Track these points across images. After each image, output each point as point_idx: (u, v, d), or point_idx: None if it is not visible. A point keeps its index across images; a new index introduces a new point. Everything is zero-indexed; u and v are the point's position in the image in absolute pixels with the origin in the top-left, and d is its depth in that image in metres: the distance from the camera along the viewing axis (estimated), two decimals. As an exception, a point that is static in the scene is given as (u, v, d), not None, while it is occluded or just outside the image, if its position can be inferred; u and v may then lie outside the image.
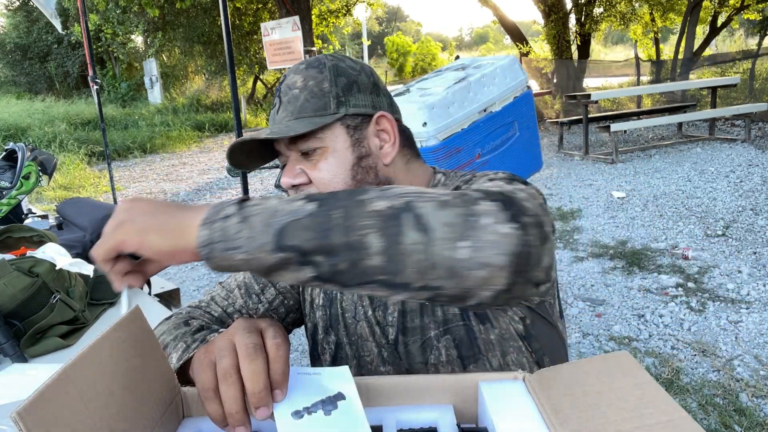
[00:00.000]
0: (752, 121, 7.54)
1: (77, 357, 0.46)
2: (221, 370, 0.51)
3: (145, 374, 0.55)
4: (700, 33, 13.88)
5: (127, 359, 0.52)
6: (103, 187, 7.31)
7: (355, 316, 0.89)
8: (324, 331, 0.92)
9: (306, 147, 0.81)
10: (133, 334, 0.54)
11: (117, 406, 0.49)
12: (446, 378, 0.62)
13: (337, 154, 0.82)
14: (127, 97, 15.52)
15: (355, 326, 0.89)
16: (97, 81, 4.43)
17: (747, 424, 2.13)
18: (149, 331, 0.58)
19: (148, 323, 0.58)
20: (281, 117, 0.83)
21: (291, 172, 0.82)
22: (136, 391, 0.53)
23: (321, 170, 0.81)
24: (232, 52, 2.80)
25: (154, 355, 0.58)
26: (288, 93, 0.83)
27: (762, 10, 11.91)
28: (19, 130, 9.72)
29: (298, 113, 0.81)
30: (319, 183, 0.82)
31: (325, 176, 0.81)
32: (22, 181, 2.12)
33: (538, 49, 14.27)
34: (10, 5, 18.62)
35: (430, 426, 0.59)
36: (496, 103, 3.04)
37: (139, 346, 0.55)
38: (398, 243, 0.49)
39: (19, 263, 1.28)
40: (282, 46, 7.24)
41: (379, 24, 44.57)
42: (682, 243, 4.08)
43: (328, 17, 13.47)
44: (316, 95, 0.82)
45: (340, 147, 0.82)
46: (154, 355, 0.58)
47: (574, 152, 7.70)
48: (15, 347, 1.17)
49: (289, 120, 0.82)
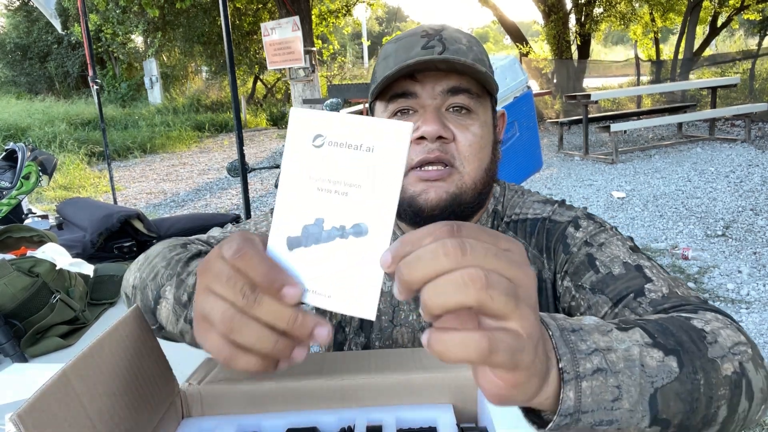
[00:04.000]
0: (752, 121, 7.54)
1: (77, 358, 0.46)
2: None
3: (145, 374, 0.55)
4: (700, 33, 13.88)
5: (126, 359, 0.52)
6: (103, 187, 7.31)
7: (393, 320, 0.85)
8: (354, 332, 0.88)
9: (464, 102, 0.77)
10: (132, 334, 0.54)
11: (117, 406, 0.49)
12: (446, 377, 0.62)
13: (485, 127, 0.79)
14: (127, 97, 15.52)
15: (391, 331, 0.85)
16: (97, 81, 4.43)
17: (747, 424, 2.13)
18: (149, 331, 0.58)
19: (148, 323, 0.58)
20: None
21: (439, 122, 0.74)
22: (135, 391, 0.53)
23: (473, 135, 0.77)
24: (232, 52, 2.80)
25: (154, 355, 0.58)
26: (454, 44, 0.76)
27: (762, 10, 11.91)
28: (19, 130, 9.72)
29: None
30: (464, 147, 0.76)
31: (474, 143, 0.77)
32: (22, 181, 2.12)
33: (538, 49, 14.26)
34: (10, 5, 18.62)
35: (429, 425, 0.59)
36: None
37: (139, 346, 0.55)
38: (734, 412, 0.46)
39: (19, 263, 1.28)
40: (282, 47, 7.24)
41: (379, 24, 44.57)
42: (682, 243, 4.08)
43: (328, 17, 13.47)
44: (481, 61, 0.78)
45: (489, 122, 0.80)
46: (153, 355, 0.58)
47: (574, 152, 7.69)
48: (15, 347, 1.17)
49: None
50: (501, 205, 0.88)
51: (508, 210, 0.87)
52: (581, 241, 0.77)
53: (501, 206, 0.87)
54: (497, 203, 0.88)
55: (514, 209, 0.86)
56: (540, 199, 0.87)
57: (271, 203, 6.34)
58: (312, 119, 0.39)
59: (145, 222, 2.00)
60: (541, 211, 0.83)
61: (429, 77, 0.76)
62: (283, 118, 13.02)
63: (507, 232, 0.84)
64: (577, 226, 0.79)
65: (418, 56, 0.74)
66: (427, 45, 0.76)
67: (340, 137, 0.38)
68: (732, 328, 0.52)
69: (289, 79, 8.65)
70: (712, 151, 6.95)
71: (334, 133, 0.38)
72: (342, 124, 0.39)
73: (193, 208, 6.29)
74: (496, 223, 0.86)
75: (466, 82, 0.76)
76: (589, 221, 0.79)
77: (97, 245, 1.85)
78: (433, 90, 0.76)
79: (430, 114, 0.75)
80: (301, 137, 0.39)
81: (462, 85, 0.76)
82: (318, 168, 0.39)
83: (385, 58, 0.81)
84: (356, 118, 0.38)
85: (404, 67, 0.74)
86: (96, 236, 1.85)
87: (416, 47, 0.76)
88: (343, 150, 0.38)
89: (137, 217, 1.98)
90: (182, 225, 2.26)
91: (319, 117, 0.39)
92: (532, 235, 0.82)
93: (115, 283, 1.51)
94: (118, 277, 1.52)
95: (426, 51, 0.75)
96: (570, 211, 0.82)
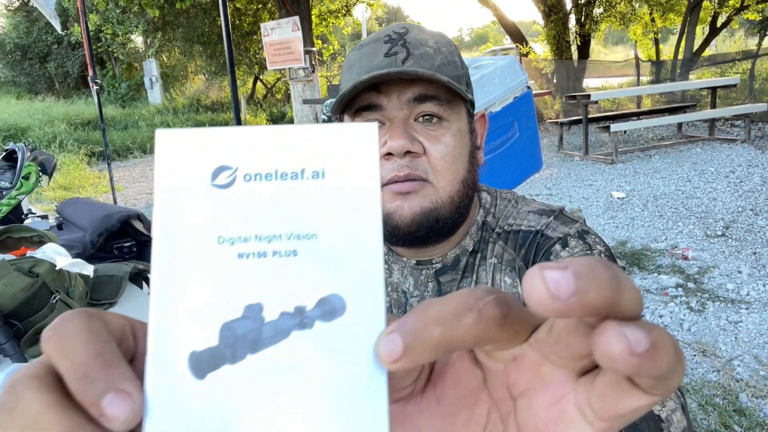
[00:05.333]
0: (752, 121, 7.54)
1: None
2: None
3: None
4: (700, 33, 13.88)
5: None
6: (103, 187, 7.31)
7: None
8: None
9: (433, 110, 0.71)
10: None
11: None
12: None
13: (460, 135, 0.73)
14: (127, 98, 15.53)
15: None
16: (97, 81, 4.43)
17: (747, 424, 2.13)
18: None
19: None
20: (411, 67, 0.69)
21: (406, 135, 0.69)
22: None
23: (445, 146, 0.71)
24: (232, 52, 2.80)
25: None
26: (419, 47, 0.71)
27: (762, 10, 11.91)
28: (19, 130, 9.73)
29: (436, 71, 0.69)
30: (436, 161, 0.71)
31: (447, 155, 0.71)
32: (22, 182, 2.12)
33: (538, 49, 14.27)
34: (10, 5, 18.63)
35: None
36: (496, 104, 3.04)
37: None
38: None
39: (19, 263, 1.28)
40: (282, 47, 7.24)
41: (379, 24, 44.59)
42: (681, 243, 4.08)
43: (327, 17, 13.47)
44: (451, 64, 0.72)
45: (463, 129, 0.75)
46: None
47: (574, 152, 7.70)
48: (15, 347, 1.17)
49: None
50: (491, 215, 0.83)
51: (501, 220, 0.82)
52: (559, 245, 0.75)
53: (491, 216, 0.83)
54: (487, 214, 0.83)
55: (507, 219, 0.82)
56: (535, 209, 0.82)
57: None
58: (202, 143, 0.24)
59: (145, 222, 2.00)
60: (535, 224, 0.79)
61: (393, 87, 0.70)
62: (284, 119, 13.02)
63: (498, 243, 0.80)
64: (565, 244, 0.75)
65: (380, 65, 0.70)
66: (390, 52, 0.71)
67: (263, 165, 0.24)
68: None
69: (288, 79, 8.65)
70: (712, 152, 6.95)
71: (250, 160, 0.24)
72: (261, 142, 0.24)
73: (193, 208, 6.29)
74: (485, 235, 0.81)
75: (434, 89, 0.71)
76: (578, 241, 0.75)
77: (97, 245, 1.85)
78: (399, 100, 0.70)
79: (397, 127, 0.69)
80: (187, 177, 0.24)
81: (429, 93, 0.70)
82: (232, 221, 0.23)
83: (349, 68, 0.75)
84: (284, 129, 0.25)
85: (359, 84, 0.69)
86: (96, 236, 1.85)
87: (379, 55, 0.71)
88: (271, 184, 0.24)
89: (137, 217, 1.98)
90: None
91: (215, 138, 0.24)
92: (522, 247, 0.79)
93: (115, 284, 1.51)
94: (118, 278, 1.53)
95: (389, 59, 0.70)
96: (564, 226, 0.78)
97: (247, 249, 0.23)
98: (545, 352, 0.23)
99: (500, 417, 0.26)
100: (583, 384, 0.22)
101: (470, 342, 0.22)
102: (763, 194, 5.04)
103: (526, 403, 0.24)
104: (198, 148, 0.24)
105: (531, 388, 0.24)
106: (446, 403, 0.26)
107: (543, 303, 0.19)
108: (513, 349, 0.24)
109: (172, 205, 0.23)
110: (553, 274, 0.19)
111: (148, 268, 1.72)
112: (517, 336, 0.23)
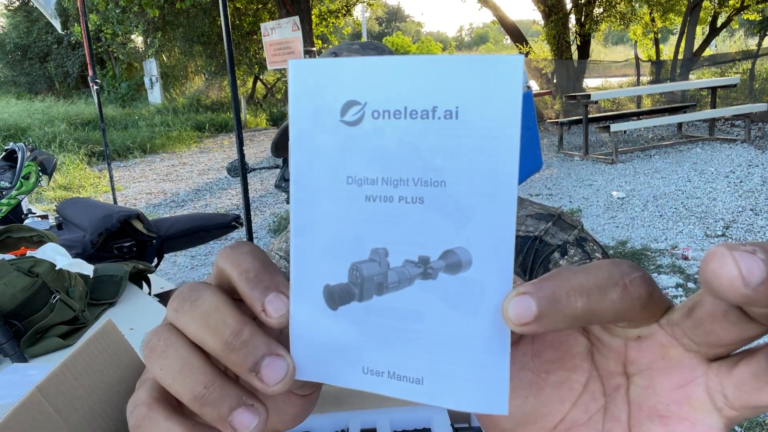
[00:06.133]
0: (752, 121, 7.54)
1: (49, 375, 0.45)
2: None
3: (125, 387, 0.55)
4: (700, 33, 13.88)
5: (103, 373, 0.52)
6: (103, 187, 7.31)
7: None
8: None
9: None
10: (107, 347, 0.54)
11: (97, 420, 0.49)
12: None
13: None
14: (127, 98, 15.52)
15: None
16: (97, 81, 4.43)
17: (747, 424, 2.13)
18: (125, 343, 0.57)
19: (122, 336, 0.57)
20: None
21: None
22: (116, 404, 0.53)
23: None
24: (232, 52, 2.80)
25: (133, 368, 0.57)
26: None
27: (762, 10, 11.91)
28: (19, 130, 9.73)
29: None
30: None
31: None
32: (22, 181, 2.12)
33: (538, 49, 14.27)
34: (10, 5, 18.62)
35: (424, 426, 0.59)
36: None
37: (116, 359, 0.54)
38: None
39: (19, 263, 1.28)
40: (282, 47, 7.24)
41: (379, 24, 44.55)
42: (682, 243, 4.08)
43: (327, 17, 13.47)
44: None
45: None
46: (132, 367, 0.57)
47: (574, 152, 7.70)
48: (15, 347, 1.18)
49: None
50: None
51: None
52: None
53: None
54: None
55: None
56: (534, 212, 0.82)
57: (272, 203, 6.33)
58: (333, 75, 0.23)
59: (145, 222, 2.00)
60: (534, 229, 0.79)
61: None
62: (283, 118, 13.03)
63: None
64: (564, 252, 0.75)
65: None
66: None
67: (392, 101, 0.22)
68: None
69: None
70: (712, 152, 6.95)
71: (379, 96, 0.22)
72: (396, 73, 0.22)
73: (193, 208, 6.30)
74: None
75: None
76: (577, 249, 0.76)
77: (97, 245, 1.86)
78: None
79: None
80: (316, 111, 0.23)
81: None
82: (360, 161, 0.23)
83: None
84: (418, 60, 0.22)
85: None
86: (96, 236, 1.85)
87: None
88: (401, 122, 0.22)
89: (137, 217, 1.99)
90: (182, 225, 2.26)
91: (347, 68, 0.23)
92: (519, 253, 0.79)
93: (115, 283, 1.52)
94: (118, 277, 1.53)
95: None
96: (563, 232, 0.78)
97: (373, 192, 0.23)
98: (678, 335, 0.22)
99: (603, 390, 0.25)
100: (717, 370, 0.22)
101: (610, 317, 0.21)
102: (763, 194, 5.04)
103: (647, 382, 0.24)
104: (327, 80, 0.23)
105: (654, 368, 0.23)
106: (542, 360, 0.26)
107: (732, 288, 0.18)
108: (641, 328, 0.23)
109: (304, 142, 0.24)
110: (746, 259, 0.18)
111: (148, 268, 1.72)
112: (652, 317, 0.22)
